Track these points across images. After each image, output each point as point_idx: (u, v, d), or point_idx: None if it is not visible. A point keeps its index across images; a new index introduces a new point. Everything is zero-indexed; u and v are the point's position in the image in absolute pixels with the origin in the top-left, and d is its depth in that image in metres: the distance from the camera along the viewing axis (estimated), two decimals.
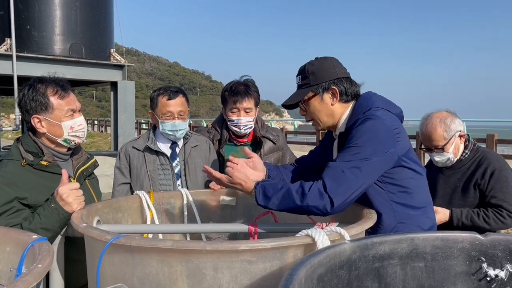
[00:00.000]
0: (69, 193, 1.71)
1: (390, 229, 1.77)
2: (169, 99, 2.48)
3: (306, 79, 1.88)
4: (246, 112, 2.64)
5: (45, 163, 1.87)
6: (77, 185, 1.77)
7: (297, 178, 2.14)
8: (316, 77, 1.86)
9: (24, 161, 1.85)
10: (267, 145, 2.81)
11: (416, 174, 1.82)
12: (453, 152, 2.42)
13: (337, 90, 1.86)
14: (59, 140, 1.94)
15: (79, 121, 1.96)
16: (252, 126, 2.71)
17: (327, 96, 1.87)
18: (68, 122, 1.92)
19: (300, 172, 2.18)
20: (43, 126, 1.90)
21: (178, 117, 2.49)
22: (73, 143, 1.98)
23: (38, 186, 1.83)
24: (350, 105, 1.91)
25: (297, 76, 1.94)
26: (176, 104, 2.49)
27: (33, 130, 1.94)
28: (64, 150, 1.99)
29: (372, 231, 1.72)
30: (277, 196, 1.61)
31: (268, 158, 2.80)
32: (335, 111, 1.90)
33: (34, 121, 1.89)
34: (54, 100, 1.89)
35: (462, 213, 2.33)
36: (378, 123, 1.71)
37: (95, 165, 2.18)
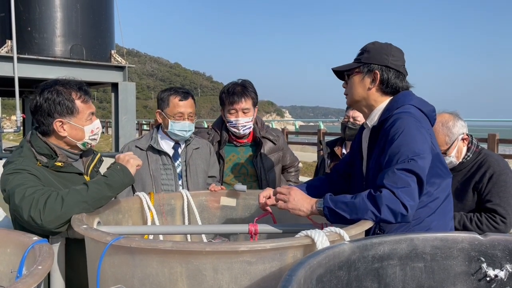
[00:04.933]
0: (125, 155, 1.91)
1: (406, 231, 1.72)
2: (181, 100, 2.53)
3: (362, 54, 1.89)
4: (244, 112, 2.65)
5: (60, 164, 1.90)
6: (131, 153, 1.97)
7: (335, 187, 2.08)
8: (369, 56, 1.86)
9: (39, 163, 1.86)
10: (267, 146, 2.82)
11: (441, 178, 1.78)
12: (456, 155, 2.36)
13: (379, 77, 1.83)
14: (78, 144, 1.96)
15: (97, 124, 2.02)
16: (251, 127, 2.72)
17: (367, 78, 1.86)
18: (89, 126, 1.97)
19: (333, 179, 2.14)
20: (64, 130, 1.92)
21: (188, 118, 2.53)
22: (89, 145, 2.02)
23: (56, 185, 1.85)
24: (387, 99, 1.87)
25: (360, 49, 1.95)
26: (187, 105, 2.54)
27: (45, 133, 1.93)
28: (76, 150, 2.02)
29: (385, 232, 1.72)
30: (347, 205, 1.56)
31: (268, 159, 2.81)
32: (370, 96, 1.87)
33: (57, 125, 1.90)
34: (79, 104, 1.93)
35: (455, 217, 2.26)
36: (411, 121, 1.68)
37: (101, 160, 2.21)
